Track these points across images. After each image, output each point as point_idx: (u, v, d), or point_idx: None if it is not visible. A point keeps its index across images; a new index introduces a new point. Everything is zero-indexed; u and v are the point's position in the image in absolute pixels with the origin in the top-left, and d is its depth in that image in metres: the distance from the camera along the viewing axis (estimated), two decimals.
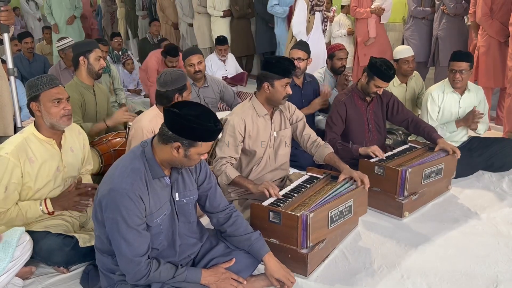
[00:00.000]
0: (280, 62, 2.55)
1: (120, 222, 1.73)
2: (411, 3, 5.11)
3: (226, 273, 1.95)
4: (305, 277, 2.24)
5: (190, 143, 1.76)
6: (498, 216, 2.86)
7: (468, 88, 3.39)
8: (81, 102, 3.22)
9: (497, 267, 2.34)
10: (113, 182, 1.77)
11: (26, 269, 2.21)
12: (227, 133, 2.56)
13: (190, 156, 1.79)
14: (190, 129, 1.73)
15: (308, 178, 2.66)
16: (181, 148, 1.77)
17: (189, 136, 1.75)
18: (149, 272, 1.79)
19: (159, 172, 1.84)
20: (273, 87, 2.53)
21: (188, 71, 3.70)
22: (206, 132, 1.75)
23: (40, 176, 2.23)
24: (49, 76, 2.27)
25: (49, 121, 2.22)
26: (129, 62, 6.07)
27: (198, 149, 1.78)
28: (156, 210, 1.85)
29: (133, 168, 1.80)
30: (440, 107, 3.38)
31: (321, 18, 5.01)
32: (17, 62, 5.37)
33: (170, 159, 1.82)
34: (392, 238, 2.62)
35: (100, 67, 3.27)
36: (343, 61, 3.99)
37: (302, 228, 2.17)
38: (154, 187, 1.84)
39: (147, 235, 1.81)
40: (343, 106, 3.13)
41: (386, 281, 2.24)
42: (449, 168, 3.04)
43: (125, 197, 1.73)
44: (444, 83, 3.42)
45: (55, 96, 2.22)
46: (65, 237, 2.24)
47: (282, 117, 2.72)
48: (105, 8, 9.98)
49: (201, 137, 1.76)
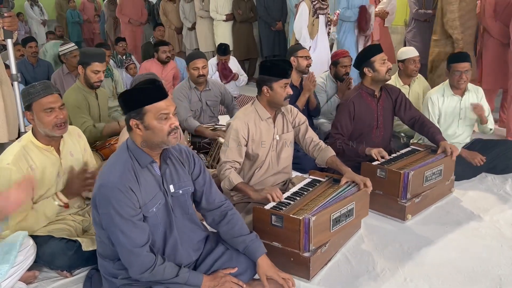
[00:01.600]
0: (276, 64, 2.56)
1: (114, 215, 1.74)
2: (412, 6, 5.12)
3: (225, 277, 1.95)
4: (308, 281, 2.24)
5: (138, 113, 1.77)
6: (501, 218, 2.85)
7: (467, 88, 3.39)
8: (86, 104, 3.26)
9: (500, 269, 2.33)
10: (102, 179, 1.79)
11: (30, 273, 2.22)
12: (230, 137, 2.56)
13: (150, 126, 1.77)
14: (131, 100, 1.77)
15: (310, 181, 2.66)
16: (138, 123, 1.78)
17: (134, 106, 1.77)
18: (155, 265, 1.79)
19: (146, 159, 1.84)
20: (272, 90, 2.54)
21: (191, 74, 3.73)
22: (144, 93, 1.76)
23: (42, 182, 2.24)
24: (43, 84, 2.25)
25: (43, 129, 2.23)
26: (132, 66, 6.09)
27: (151, 115, 1.76)
28: (149, 200, 1.84)
29: (120, 161, 1.81)
30: (441, 110, 3.38)
31: (325, 21, 5.03)
32: (21, 67, 5.40)
33: (143, 140, 1.81)
34: (394, 241, 2.62)
35: (96, 80, 3.28)
36: (347, 68, 3.98)
37: (304, 231, 2.17)
38: (144, 177, 1.84)
39: (144, 225, 1.81)
40: (351, 104, 3.12)
41: (389, 284, 2.24)
42: (448, 169, 3.04)
43: (114, 190, 1.74)
44: (443, 86, 3.41)
45: (47, 106, 2.21)
46: (68, 241, 2.24)
47: (285, 120, 2.73)
48: (108, 13, 10.02)
49: (143, 101, 1.76)
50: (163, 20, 7.92)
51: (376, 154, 2.91)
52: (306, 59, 3.77)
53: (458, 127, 3.43)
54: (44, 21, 10.24)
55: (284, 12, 6.66)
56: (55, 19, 11.35)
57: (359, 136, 3.18)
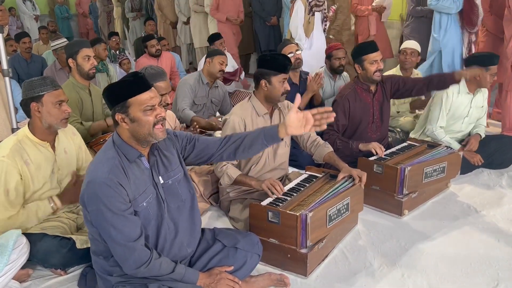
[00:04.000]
0: (275, 58, 2.53)
1: (104, 211, 1.71)
2: (409, 2, 5.10)
3: (221, 274, 1.94)
4: (305, 277, 2.23)
5: (122, 106, 1.74)
6: (497, 213, 2.85)
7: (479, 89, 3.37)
8: (78, 102, 3.20)
9: (497, 264, 2.33)
10: (90, 175, 1.76)
11: (23, 271, 2.19)
12: (227, 132, 2.54)
13: (135, 118, 1.75)
14: (113, 94, 1.76)
15: (307, 177, 2.64)
16: (123, 117, 1.76)
17: (118, 100, 1.75)
18: (151, 259, 1.76)
19: (133, 153, 1.81)
20: (270, 84, 2.52)
21: (214, 67, 3.73)
22: (126, 85, 1.74)
23: (36, 178, 2.21)
24: (51, 78, 2.28)
25: (48, 122, 2.22)
26: (125, 61, 6.04)
27: (135, 107, 1.74)
28: (139, 194, 1.81)
29: (107, 157, 1.78)
30: (452, 106, 3.34)
31: (321, 18, 5.00)
32: (14, 62, 5.35)
33: (130, 134, 1.79)
34: (392, 236, 2.61)
35: (90, 67, 3.17)
36: (341, 60, 3.95)
37: (301, 227, 2.15)
38: (133, 171, 1.81)
39: (135, 219, 1.78)
40: (346, 101, 3.10)
41: (386, 280, 2.23)
42: (453, 166, 3.00)
43: (103, 185, 1.71)
44: (461, 83, 3.27)
45: (58, 98, 2.23)
46: (62, 239, 2.22)
47: (282, 116, 2.71)
48: (102, 8, 9.94)
49: (126, 94, 1.74)
50: (158, 14, 7.85)
51: (376, 148, 2.90)
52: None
53: (462, 124, 3.42)
54: (37, 16, 10.15)
55: (279, 7, 6.63)
56: (47, 14, 11.26)
57: (355, 131, 3.16)
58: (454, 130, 3.43)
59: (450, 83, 3.08)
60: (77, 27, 11.50)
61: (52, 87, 2.23)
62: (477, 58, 3.27)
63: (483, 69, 3.14)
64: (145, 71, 2.62)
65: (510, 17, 3.94)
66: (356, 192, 2.47)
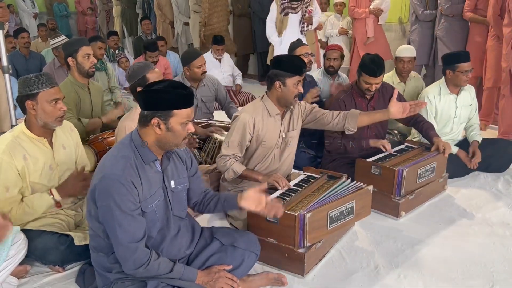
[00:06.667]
0: (291, 60, 2.55)
1: (113, 208, 1.72)
2: (417, 8, 5.07)
3: (219, 272, 1.94)
4: (302, 277, 2.24)
5: (166, 114, 1.76)
6: (493, 216, 2.87)
7: (463, 87, 3.39)
8: (76, 100, 3.19)
9: (493, 266, 2.34)
10: (104, 171, 1.76)
11: (21, 268, 2.19)
12: (235, 130, 2.55)
13: (173, 128, 1.77)
14: (161, 100, 1.75)
15: (305, 177, 2.65)
16: (160, 123, 1.77)
17: (163, 106, 1.75)
18: (149, 260, 1.78)
19: (150, 156, 1.83)
20: (285, 85, 2.51)
21: (195, 73, 3.66)
22: (177, 97, 1.76)
23: (33, 174, 2.21)
24: (47, 75, 2.25)
25: (43, 120, 2.21)
26: (124, 60, 6.05)
27: (176, 119, 1.77)
28: (150, 195, 1.84)
29: (123, 155, 1.79)
30: (438, 108, 3.38)
31: (300, 19, 5.15)
32: (13, 59, 5.34)
33: (157, 140, 1.81)
34: (388, 238, 2.62)
35: (90, 65, 3.17)
36: (332, 61, 3.92)
37: (299, 227, 2.16)
38: (145, 173, 1.82)
39: (142, 220, 1.80)
40: (342, 103, 3.12)
41: (383, 281, 2.24)
42: (440, 166, 3.07)
43: (116, 183, 1.72)
44: (439, 84, 3.39)
45: (53, 96, 2.21)
46: (60, 236, 2.22)
47: (292, 117, 2.70)
48: (101, 6, 9.94)
49: (174, 105, 1.76)
50: (158, 14, 7.84)
51: (385, 144, 2.98)
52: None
53: (453, 124, 3.44)
54: (36, 14, 10.12)
55: None
56: (46, 11, 11.23)
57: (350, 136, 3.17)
58: (446, 132, 3.45)
59: (424, 137, 3.21)
60: (76, 25, 11.47)
61: (48, 85, 2.20)
62: (446, 58, 3.33)
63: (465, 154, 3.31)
64: (133, 67, 2.63)
65: (510, 21, 3.97)
66: (363, 196, 2.43)
